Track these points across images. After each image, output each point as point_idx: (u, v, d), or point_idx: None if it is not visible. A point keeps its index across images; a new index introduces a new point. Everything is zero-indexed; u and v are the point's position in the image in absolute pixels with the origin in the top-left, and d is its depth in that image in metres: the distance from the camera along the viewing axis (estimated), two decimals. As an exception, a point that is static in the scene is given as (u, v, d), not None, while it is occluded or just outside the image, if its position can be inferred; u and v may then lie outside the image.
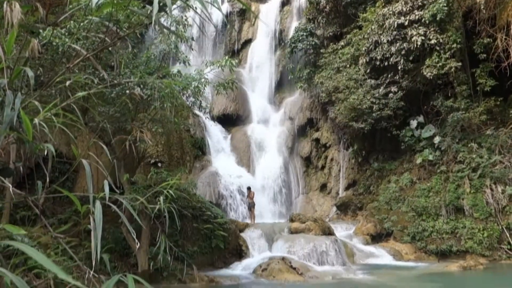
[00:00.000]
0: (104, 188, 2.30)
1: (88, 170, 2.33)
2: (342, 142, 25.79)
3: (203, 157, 24.85)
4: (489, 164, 18.72)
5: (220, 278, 14.00)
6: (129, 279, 2.01)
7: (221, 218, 16.48)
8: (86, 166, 2.39)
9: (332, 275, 14.34)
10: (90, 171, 2.35)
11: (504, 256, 17.46)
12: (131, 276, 2.07)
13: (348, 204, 23.44)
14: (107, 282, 2.03)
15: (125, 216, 10.94)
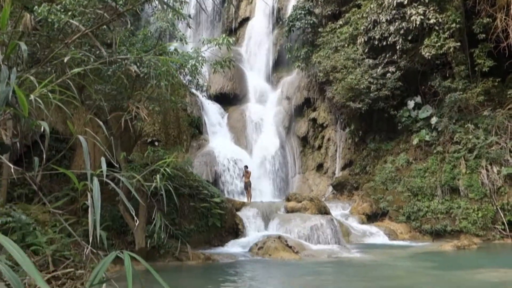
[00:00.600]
0: (101, 165, 2.28)
1: (85, 146, 2.31)
2: (339, 122, 25.77)
3: (199, 136, 24.82)
4: (485, 145, 18.79)
5: (216, 256, 14.12)
6: (125, 256, 2.01)
7: (217, 197, 16.54)
8: (83, 142, 2.36)
9: (327, 254, 14.49)
10: (87, 147, 2.32)
11: (498, 236, 17.69)
12: (127, 253, 2.07)
13: (344, 184, 23.57)
14: (104, 258, 2.03)
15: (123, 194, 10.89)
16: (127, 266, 1.90)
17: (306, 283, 10.07)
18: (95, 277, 1.85)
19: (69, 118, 3.45)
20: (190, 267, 12.80)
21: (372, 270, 11.69)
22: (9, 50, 2.54)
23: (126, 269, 1.90)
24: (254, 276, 11.55)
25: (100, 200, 2.10)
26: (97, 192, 2.06)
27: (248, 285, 10.31)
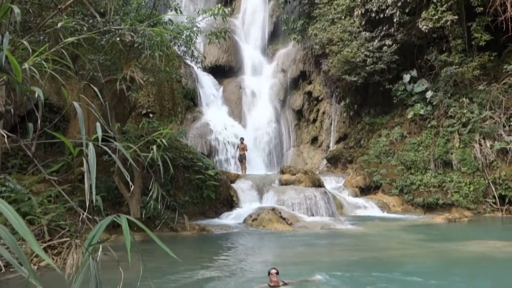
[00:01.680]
0: (97, 130, 2.27)
1: (79, 112, 2.29)
2: (334, 96, 25.71)
3: (194, 108, 24.70)
4: (479, 120, 18.87)
5: (211, 227, 14.28)
6: (122, 219, 2.03)
7: (212, 169, 16.60)
8: (77, 108, 2.35)
9: (321, 226, 14.68)
10: (82, 114, 2.31)
11: (489, 209, 17.97)
12: (124, 216, 2.09)
13: (338, 157, 23.68)
14: (101, 221, 2.05)
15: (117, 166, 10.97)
16: (124, 228, 1.92)
17: (299, 254, 10.24)
18: (93, 237, 1.86)
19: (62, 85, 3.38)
20: (185, 237, 12.95)
21: (365, 241, 11.88)
22: (1, 14, 2.49)
23: (124, 231, 1.92)
24: (248, 246, 11.71)
25: (95, 165, 2.09)
26: (92, 157, 2.05)
27: (242, 255, 10.46)
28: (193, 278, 7.68)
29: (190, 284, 7.33)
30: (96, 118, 2.86)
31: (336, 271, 8.05)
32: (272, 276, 6.74)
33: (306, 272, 7.86)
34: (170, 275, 7.80)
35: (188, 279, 7.62)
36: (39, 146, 15.58)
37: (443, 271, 8.28)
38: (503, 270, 8.36)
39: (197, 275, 7.92)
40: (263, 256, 9.88)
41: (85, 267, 1.98)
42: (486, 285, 7.40)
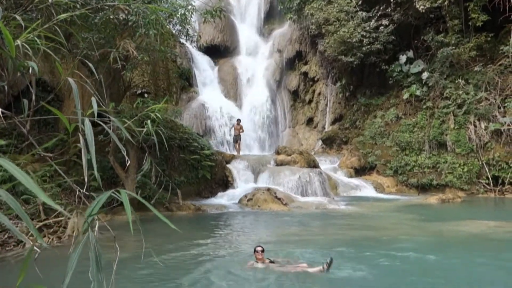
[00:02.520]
0: (92, 105, 2.24)
1: (74, 88, 2.25)
2: (330, 76, 25.62)
3: (189, 88, 24.55)
4: (474, 101, 18.89)
5: (206, 207, 14.34)
6: (122, 194, 2.01)
7: (207, 149, 16.59)
8: (72, 84, 2.31)
9: (315, 206, 14.78)
10: (77, 89, 2.27)
11: (482, 190, 18.15)
12: (124, 191, 2.08)
13: (333, 138, 23.73)
14: (99, 197, 2.04)
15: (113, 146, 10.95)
16: (125, 201, 1.91)
17: (294, 233, 10.32)
18: (93, 208, 1.85)
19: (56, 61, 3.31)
20: (181, 217, 13.00)
21: (359, 221, 11.98)
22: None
23: (125, 204, 1.91)
24: (243, 226, 11.79)
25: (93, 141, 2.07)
26: (90, 132, 2.03)
27: (237, 234, 10.53)
28: (188, 256, 7.74)
29: (185, 261, 7.39)
30: (90, 98, 2.83)
31: (330, 249, 8.13)
32: (258, 254, 6.86)
33: (299, 252, 7.94)
34: (165, 254, 7.86)
35: (183, 257, 7.67)
36: (33, 126, 15.48)
37: (437, 249, 8.38)
38: (495, 248, 8.48)
39: (192, 253, 7.98)
40: (258, 235, 9.95)
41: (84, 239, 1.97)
42: (479, 261, 7.52)
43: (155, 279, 6.48)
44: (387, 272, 6.91)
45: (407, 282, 6.42)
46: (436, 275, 6.73)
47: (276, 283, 6.21)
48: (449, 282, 6.37)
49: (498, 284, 6.32)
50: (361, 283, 6.32)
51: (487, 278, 6.60)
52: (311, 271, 6.59)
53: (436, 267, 7.23)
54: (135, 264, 7.14)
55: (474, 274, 6.81)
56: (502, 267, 7.20)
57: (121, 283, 5.99)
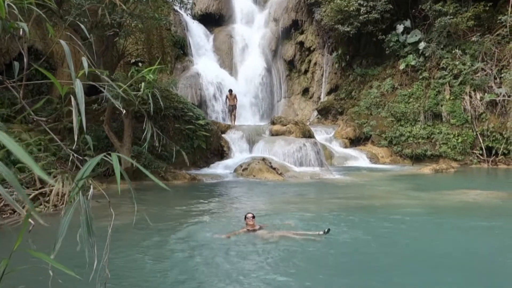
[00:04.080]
0: (83, 65, 2.21)
1: (66, 50, 2.21)
2: (326, 46, 25.35)
3: (184, 57, 24.28)
4: (470, 71, 18.83)
5: (202, 177, 14.41)
6: (113, 157, 2.00)
7: (202, 119, 16.54)
8: (64, 46, 2.26)
9: (310, 175, 14.88)
10: (69, 51, 2.23)
11: (475, 160, 18.30)
12: (115, 154, 2.07)
13: (329, 109, 23.69)
14: (90, 160, 2.03)
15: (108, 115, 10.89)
16: (115, 164, 1.90)
17: (288, 201, 10.42)
18: (84, 172, 1.84)
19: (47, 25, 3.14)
20: (176, 186, 13.07)
21: (353, 190, 12.09)
22: None
23: (114, 167, 1.90)
24: (238, 195, 11.88)
25: (84, 103, 2.05)
26: (80, 93, 2.00)
27: (232, 202, 10.62)
28: (183, 223, 7.82)
29: (180, 229, 7.47)
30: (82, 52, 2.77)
31: (324, 218, 8.24)
32: (248, 220, 6.96)
33: (293, 219, 8.03)
34: (161, 221, 7.94)
35: (178, 225, 7.75)
36: (26, 95, 15.33)
37: (429, 216, 8.56)
38: (485, 215, 8.63)
39: (188, 220, 8.06)
40: (253, 204, 10.04)
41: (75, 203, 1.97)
42: (469, 226, 7.69)
43: (150, 244, 6.56)
44: (380, 236, 7.06)
45: (399, 245, 6.59)
46: (426, 238, 6.95)
47: (266, 248, 6.30)
48: (439, 245, 6.52)
49: (483, 246, 6.49)
50: (355, 246, 6.47)
51: (476, 241, 6.77)
52: (305, 236, 6.70)
53: (427, 231, 7.39)
54: (130, 230, 7.22)
55: (463, 238, 6.98)
56: (490, 232, 7.37)
57: (116, 248, 6.06)
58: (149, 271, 5.44)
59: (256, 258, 5.94)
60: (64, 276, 2.39)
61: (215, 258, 5.90)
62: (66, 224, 1.97)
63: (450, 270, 5.44)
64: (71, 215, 1.91)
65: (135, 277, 5.19)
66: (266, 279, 5.11)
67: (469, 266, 5.68)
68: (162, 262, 5.80)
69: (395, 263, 5.81)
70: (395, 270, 5.53)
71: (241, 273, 5.28)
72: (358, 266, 5.67)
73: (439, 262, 5.77)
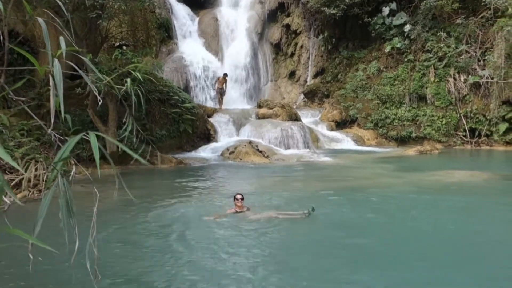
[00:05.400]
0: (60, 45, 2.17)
1: (44, 28, 2.18)
2: (312, 29, 25.25)
3: (169, 41, 23.98)
4: (455, 54, 18.97)
5: (188, 160, 14.39)
6: (91, 135, 1.99)
7: (188, 102, 16.45)
8: (42, 24, 2.22)
9: (297, 158, 14.95)
10: (46, 29, 2.19)
11: (459, 142, 18.56)
12: (93, 133, 2.06)
13: (315, 92, 23.70)
14: (70, 139, 2.02)
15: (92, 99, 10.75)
16: (93, 142, 1.89)
17: (275, 183, 10.49)
18: (62, 153, 1.83)
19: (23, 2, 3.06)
20: (162, 170, 13.05)
21: (339, 172, 12.21)
22: None
23: (93, 146, 1.89)
24: (225, 178, 11.91)
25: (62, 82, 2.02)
26: (58, 72, 1.98)
27: (218, 185, 10.66)
28: (170, 206, 7.83)
29: (167, 211, 7.48)
30: (62, 27, 2.73)
31: (311, 199, 8.32)
32: (237, 202, 7.00)
33: (280, 201, 8.11)
34: (147, 204, 7.94)
35: (165, 207, 7.76)
36: (7, 81, 15.05)
37: (413, 196, 8.73)
38: (467, 194, 8.83)
39: (175, 203, 8.08)
40: (240, 186, 10.09)
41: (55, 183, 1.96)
42: (450, 204, 7.91)
43: (137, 227, 6.57)
44: (367, 215, 7.23)
45: (385, 223, 6.77)
46: (412, 216, 7.17)
47: (253, 229, 6.36)
48: (425, 223, 6.72)
49: (466, 223, 6.68)
50: (341, 223, 6.63)
51: (459, 218, 7.00)
52: (291, 217, 6.77)
53: (413, 210, 7.56)
54: (116, 213, 7.23)
55: (447, 215, 7.18)
56: (472, 209, 7.60)
57: (102, 229, 6.06)
58: (135, 253, 5.46)
59: (243, 239, 5.99)
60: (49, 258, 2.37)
61: (202, 239, 5.94)
62: (45, 206, 1.96)
63: (434, 247, 5.58)
64: (51, 197, 1.91)
65: (122, 261, 5.20)
66: (253, 260, 5.17)
67: (452, 242, 5.82)
68: (149, 244, 5.82)
69: (380, 240, 5.92)
70: (380, 247, 5.63)
71: (228, 253, 5.33)
72: (345, 244, 5.76)
73: (424, 240, 5.91)
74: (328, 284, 4.47)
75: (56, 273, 4.65)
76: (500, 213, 7.53)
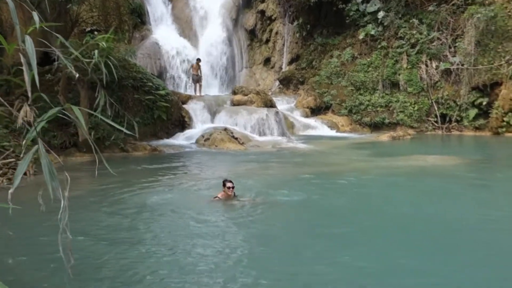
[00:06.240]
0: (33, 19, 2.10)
1: (11, 6, 2.09)
2: (287, 15, 25.20)
3: (142, 26, 23.54)
4: (427, 41, 19.27)
5: (163, 147, 14.25)
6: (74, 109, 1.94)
7: (162, 89, 16.22)
8: (10, 3, 2.14)
9: (272, 144, 14.99)
10: (14, 6, 2.11)
11: (430, 127, 18.95)
12: (75, 107, 2.01)
13: (290, 79, 23.73)
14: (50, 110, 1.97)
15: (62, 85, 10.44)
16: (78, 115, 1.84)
17: (251, 169, 10.50)
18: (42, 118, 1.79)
19: None
20: (137, 157, 12.89)
21: (314, 158, 12.32)
22: None
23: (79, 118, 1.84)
24: (200, 164, 11.86)
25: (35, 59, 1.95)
26: (30, 47, 1.91)
27: (194, 172, 10.61)
28: (146, 194, 7.75)
29: (143, 199, 7.39)
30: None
31: (288, 184, 8.38)
32: (229, 190, 6.81)
33: (257, 187, 8.13)
34: (122, 193, 7.83)
35: (141, 195, 7.67)
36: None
37: (388, 180, 8.92)
38: (434, 178, 9.08)
39: (150, 191, 7.99)
40: (215, 173, 10.06)
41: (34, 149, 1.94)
42: (424, 187, 8.15)
43: (110, 215, 6.48)
44: (343, 199, 7.37)
45: (360, 207, 6.93)
46: (385, 199, 7.35)
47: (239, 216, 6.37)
48: (398, 205, 6.98)
49: (438, 205, 6.86)
50: (315, 205, 6.79)
51: (431, 201, 7.20)
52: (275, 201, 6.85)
53: (386, 193, 7.72)
54: (88, 201, 7.12)
55: (418, 198, 7.45)
56: (445, 192, 7.80)
57: (73, 215, 5.96)
58: (107, 239, 5.39)
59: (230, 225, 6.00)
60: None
61: (172, 228, 5.91)
62: (25, 164, 1.97)
63: (408, 228, 5.72)
64: (32, 156, 1.91)
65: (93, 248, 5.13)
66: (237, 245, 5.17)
67: (422, 223, 5.96)
68: (123, 228, 5.75)
69: (359, 224, 6.01)
70: (358, 231, 5.72)
71: (208, 238, 5.32)
72: (323, 230, 5.82)
73: (398, 221, 6.04)
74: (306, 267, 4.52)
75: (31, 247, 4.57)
76: (471, 195, 7.76)
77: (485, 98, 17.84)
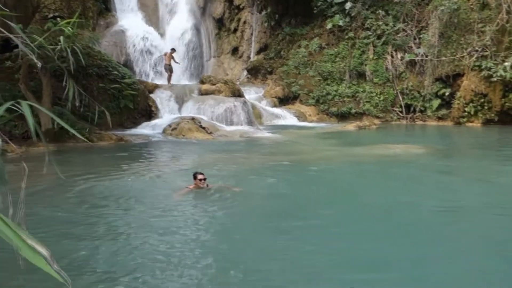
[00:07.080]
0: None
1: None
2: (255, 5, 25.11)
3: (107, 13, 23.01)
4: (393, 32, 19.60)
5: (129, 137, 14.01)
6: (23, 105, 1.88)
7: (129, 77, 15.95)
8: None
9: (240, 134, 14.99)
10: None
11: (395, 117, 19.37)
12: (25, 102, 1.94)
13: (258, 68, 23.73)
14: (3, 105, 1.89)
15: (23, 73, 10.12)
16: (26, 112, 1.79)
17: (218, 158, 10.47)
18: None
19: None
20: (102, 147, 12.63)
21: (281, 147, 12.40)
22: None
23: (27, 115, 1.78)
24: (167, 154, 11.76)
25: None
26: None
27: (160, 162, 10.51)
28: (111, 185, 7.61)
29: (106, 189, 7.27)
30: None
31: (255, 172, 8.41)
32: (200, 182, 6.70)
33: (224, 176, 8.11)
34: (86, 183, 7.66)
35: (103, 185, 7.53)
36: None
37: (351, 168, 9.12)
38: (399, 166, 9.32)
39: (116, 182, 7.86)
40: (182, 162, 10.00)
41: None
42: (389, 175, 8.33)
43: (69, 206, 6.34)
44: (306, 185, 7.51)
45: (322, 192, 7.07)
46: (353, 188, 7.49)
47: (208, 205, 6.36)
48: (357, 189, 7.21)
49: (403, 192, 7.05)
50: (282, 194, 6.85)
51: (397, 188, 7.38)
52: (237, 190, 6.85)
53: (353, 181, 7.88)
54: (49, 193, 6.95)
55: (384, 185, 7.61)
56: (411, 179, 8.02)
57: (32, 208, 5.81)
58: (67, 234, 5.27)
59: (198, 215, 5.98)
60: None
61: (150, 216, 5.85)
62: None
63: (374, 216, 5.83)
64: None
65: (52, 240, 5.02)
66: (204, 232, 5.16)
67: (388, 211, 6.09)
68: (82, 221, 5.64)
69: (320, 211, 6.07)
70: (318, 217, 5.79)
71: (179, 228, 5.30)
72: (287, 216, 5.87)
73: (364, 210, 6.15)
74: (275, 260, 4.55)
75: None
76: (436, 183, 8.00)
77: (447, 89, 18.34)
